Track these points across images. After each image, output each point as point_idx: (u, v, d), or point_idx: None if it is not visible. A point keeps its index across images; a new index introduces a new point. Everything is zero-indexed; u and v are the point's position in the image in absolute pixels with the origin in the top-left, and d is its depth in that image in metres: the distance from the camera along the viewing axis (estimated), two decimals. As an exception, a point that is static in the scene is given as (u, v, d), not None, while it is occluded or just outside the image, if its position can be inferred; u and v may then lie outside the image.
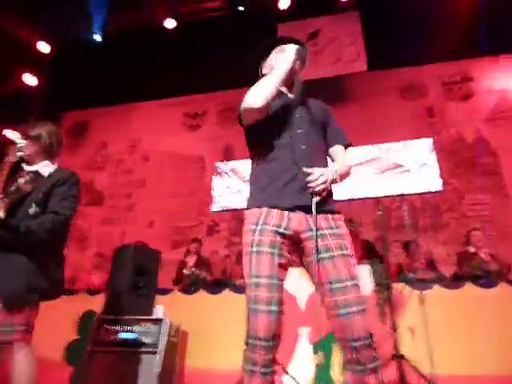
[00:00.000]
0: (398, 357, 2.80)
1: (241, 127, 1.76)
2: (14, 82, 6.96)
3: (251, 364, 1.39)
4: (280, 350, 1.45)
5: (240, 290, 3.59)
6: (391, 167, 5.77)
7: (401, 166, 5.74)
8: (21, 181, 2.09)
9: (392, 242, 4.95)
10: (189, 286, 3.93)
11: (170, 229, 6.21)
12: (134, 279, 3.02)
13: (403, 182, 5.63)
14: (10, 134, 2.13)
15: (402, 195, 5.50)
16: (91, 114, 7.43)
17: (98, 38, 6.89)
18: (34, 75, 7.11)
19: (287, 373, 2.96)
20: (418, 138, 5.82)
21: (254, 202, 1.58)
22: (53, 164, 2.21)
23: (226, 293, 3.59)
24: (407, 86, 6.21)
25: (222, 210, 6.13)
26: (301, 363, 3.09)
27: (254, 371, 1.38)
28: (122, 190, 6.71)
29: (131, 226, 6.36)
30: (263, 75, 1.74)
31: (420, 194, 5.55)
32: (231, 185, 6.18)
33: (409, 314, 3.13)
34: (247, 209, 1.60)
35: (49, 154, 2.21)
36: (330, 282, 1.44)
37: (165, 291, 3.74)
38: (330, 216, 1.55)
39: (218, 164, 6.38)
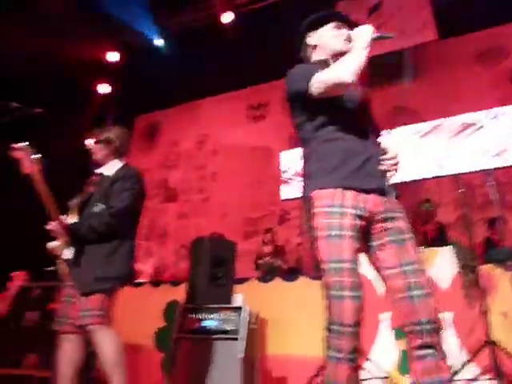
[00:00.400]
0: (490, 343, 2.62)
1: (290, 107, 1.72)
2: (91, 94, 7.49)
3: (336, 351, 1.37)
4: (361, 336, 1.42)
5: (315, 277, 3.58)
6: (475, 141, 5.33)
7: (486, 136, 5.27)
8: (91, 181, 2.33)
9: (476, 221, 4.61)
10: (265, 274, 4.00)
11: (242, 220, 6.35)
12: (213, 270, 3.15)
13: (488, 156, 5.19)
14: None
15: (487, 170, 5.07)
16: (161, 115, 7.80)
17: (159, 42, 7.19)
18: (107, 84, 7.60)
19: (370, 360, 2.91)
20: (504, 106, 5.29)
21: (325, 182, 1.51)
22: (120, 162, 2.36)
23: (301, 280, 3.60)
24: (485, 51, 5.69)
25: (292, 199, 6.12)
26: (384, 350, 3.02)
27: (339, 358, 1.37)
28: (195, 185, 6.99)
29: (206, 219, 6.61)
30: (311, 47, 1.74)
31: (505, 167, 5.07)
32: (297, 173, 6.14)
33: (500, 296, 2.91)
34: (315, 190, 1.53)
35: (118, 155, 2.37)
36: (402, 265, 1.42)
37: (242, 280, 3.85)
38: (396, 199, 1.54)
39: (283, 153, 6.37)
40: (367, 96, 1.69)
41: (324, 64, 1.64)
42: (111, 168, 2.32)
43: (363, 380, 2.79)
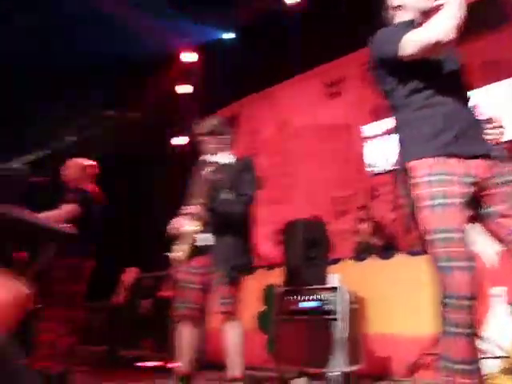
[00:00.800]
0: None
1: (373, 73, 1.62)
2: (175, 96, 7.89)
3: (454, 326, 1.30)
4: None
5: (413, 252, 3.41)
6: None
7: None
8: (207, 170, 2.39)
9: None
10: (359, 253, 3.91)
11: (331, 200, 6.24)
12: (306, 252, 3.16)
13: None
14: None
15: None
16: (241, 105, 7.93)
17: (231, 35, 7.32)
18: (187, 83, 7.97)
19: (483, 337, 2.69)
20: None
21: (424, 151, 1.42)
22: (229, 151, 2.48)
23: (398, 257, 3.46)
24: None
25: (380, 173, 5.86)
26: (499, 327, 2.78)
27: (457, 333, 1.30)
28: (280, 170, 7.03)
29: (294, 203, 6.62)
30: (394, 8, 1.63)
31: None
32: (385, 146, 5.85)
33: None
34: (413, 160, 1.45)
35: (225, 142, 2.49)
36: None
37: (336, 260, 3.80)
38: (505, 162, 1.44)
39: (367, 127, 6.10)
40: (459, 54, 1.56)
41: (410, 25, 1.52)
42: (224, 157, 2.43)
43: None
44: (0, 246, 1.82)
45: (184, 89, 7.95)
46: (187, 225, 2.26)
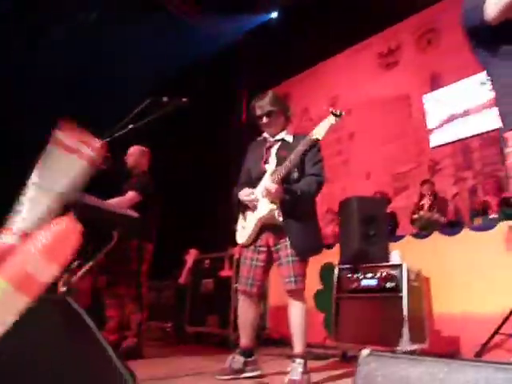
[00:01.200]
0: None
1: (469, 35, 1.50)
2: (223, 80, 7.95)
3: None
4: None
5: (481, 227, 3.22)
6: None
7: None
8: (273, 150, 2.38)
9: None
10: (421, 229, 3.75)
11: (390, 176, 6.03)
12: (364, 229, 3.09)
13: None
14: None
15: None
16: (289, 85, 7.82)
17: (274, 14, 7.22)
18: (238, 67, 7.98)
19: None
20: None
21: None
22: (288, 129, 2.44)
23: (465, 233, 3.27)
24: None
25: (442, 145, 5.54)
26: None
27: None
28: (333, 148, 6.88)
29: (350, 181, 6.48)
30: None
31: None
32: (447, 115, 5.50)
33: None
34: (508, 130, 1.37)
35: (286, 119, 2.46)
36: None
37: (397, 238, 3.69)
38: None
39: (427, 96, 5.75)
40: None
41: None
42: (288, 135, 2.41)
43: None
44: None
45: (235, 72, 7.99)
46: (259, 202, 2.24)
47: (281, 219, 2.19)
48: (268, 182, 2.19)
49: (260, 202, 2.25)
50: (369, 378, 0.92)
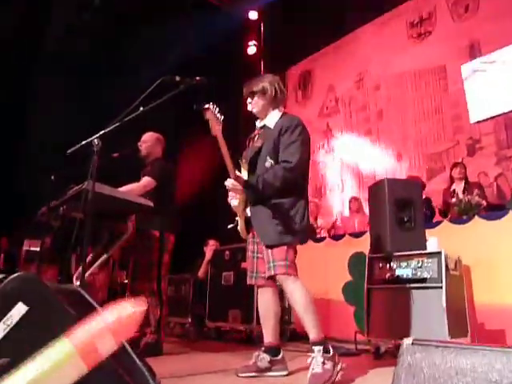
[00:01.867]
0: None
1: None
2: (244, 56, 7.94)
3: None
4: None
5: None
6: None
7: None
8: (255, 139, 2.38)
9: None
10: (460, 214, 3.65)
11: (423, 157, 5.88)
12: (397, 214, 3.02)
13: None
14: None
15: None
16: (311, 61, 7.70)
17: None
18: (253, 42, 7.94)
19: None
20: None
21: None
22: (279, 112, 2.36)
23: (510, 217, 3.16)
24: None
25: (483, 121, 5.34)
26: None
27: None
28: (361, 128, 6.75)
29: (379, 163, 6.36)
30: None
31: None
32: (490, 86, 5.27)
33: None
34: None
35: (275, 104, 2.37)
36: None
37: (434, 224, 3.61)
38: None
39: (465, 66, 5.54)
40: None
41: None
42: (272, 119, 2.35)
43: None
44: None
45: (253, 50, 7.95)
46: (232, 199, 2.32)
47: (249, 213, 2.27)
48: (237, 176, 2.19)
49: (234, 198, 2.33)
50: (412, 369, 0.90)
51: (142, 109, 2.17)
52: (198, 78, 2.12)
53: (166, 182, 3.18)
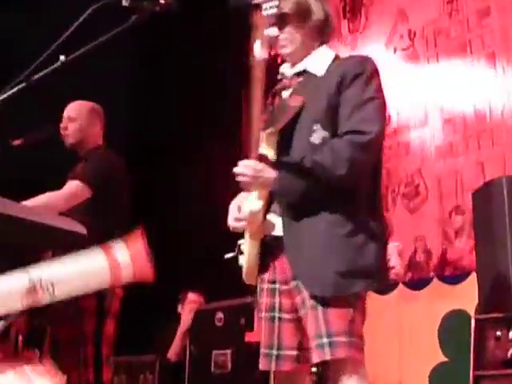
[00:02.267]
0: None
1: None
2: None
3: None
4: None
5: None
6: None
7: None
8: (284, 94, 2.31)
9: None
10: None
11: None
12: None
13: None
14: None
15: None
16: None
17: None
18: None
19: None
20: None
21: None
22: (330, 51, 2.35)
23: None
24: None
25: None
26: None
27: None
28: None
29: (490, 158, 6.36)
30: None
31: None
32: None
33: None
34: None
35: (324, 36, 2.35)
36: None
37: None
38: None
39: None
40: None
41: None
42: (320, 61, 2.30)
43: None
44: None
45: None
46: (249, 201, 2.21)
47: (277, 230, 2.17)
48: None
49: (250, 196, 2.23)
50: None
51: (62, 58, 2.13)
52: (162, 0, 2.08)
53: (108, 189, 3.21)
